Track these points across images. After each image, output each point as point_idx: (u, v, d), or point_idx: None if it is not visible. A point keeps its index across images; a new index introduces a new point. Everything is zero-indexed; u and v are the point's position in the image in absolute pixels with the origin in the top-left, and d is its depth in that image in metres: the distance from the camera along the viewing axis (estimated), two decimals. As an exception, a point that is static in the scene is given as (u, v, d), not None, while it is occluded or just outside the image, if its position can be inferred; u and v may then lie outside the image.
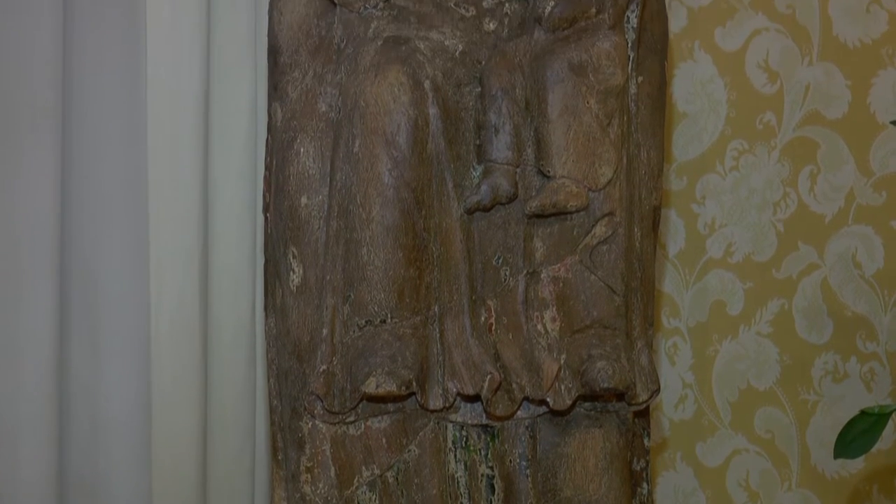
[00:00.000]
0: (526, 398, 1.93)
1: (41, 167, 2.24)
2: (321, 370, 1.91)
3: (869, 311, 2.59)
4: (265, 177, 2.05)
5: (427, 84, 1.90)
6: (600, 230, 1.94)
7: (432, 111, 1.90)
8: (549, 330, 1.96)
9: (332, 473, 1.94)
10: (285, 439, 1.99)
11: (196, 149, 2.46)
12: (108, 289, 2.37)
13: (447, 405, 1.92)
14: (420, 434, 1.96)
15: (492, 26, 1.99)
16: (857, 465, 2.63)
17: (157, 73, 2.43)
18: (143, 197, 2.41)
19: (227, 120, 2.55)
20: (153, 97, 2.41)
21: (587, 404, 1.99)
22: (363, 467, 1.95)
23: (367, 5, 1.99)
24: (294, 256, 1.97)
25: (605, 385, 1.88)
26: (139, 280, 2.40)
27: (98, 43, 2.35)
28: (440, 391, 1.91)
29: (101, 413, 2.37)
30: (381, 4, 1.99)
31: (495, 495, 1.98)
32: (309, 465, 1.95)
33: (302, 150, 1.97)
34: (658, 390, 1.99)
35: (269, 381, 2.04)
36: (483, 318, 1.95)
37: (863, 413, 1.80)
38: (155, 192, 2.43)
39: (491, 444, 1.99)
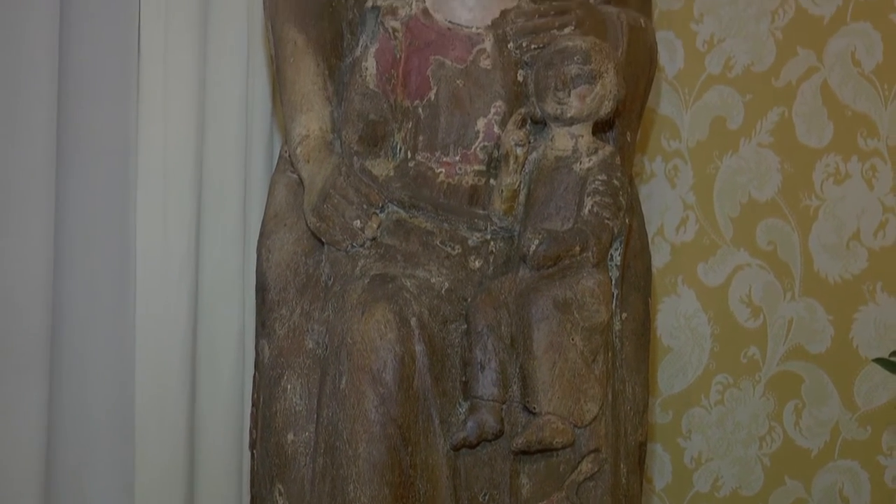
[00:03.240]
0: None
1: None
2: None
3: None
4: (252, 413, 2.05)
5: (413, 321, 1.92)
6: (586, 466, 1.93)
7: (419, 348, 1.91)
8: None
9: None
10: None
11: (182, 387, 2.47)
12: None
13: None
14: None
15: (477, 264, 2.03)
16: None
17: (147, 312, 2.48)
18: (129, 430, 2.42)
19: (215, 356, 2.57)
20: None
21: None
22: None
23: (354, 244, 2.03)
24: (280, 493, 1.96)
25: None
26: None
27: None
28: None
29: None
30: (368, 243, 2.02)
31: None
32: None
33: (289, 386, 1.98)
34: None
35: None
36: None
37: None
38: (141, 434, 2.44)
39: None
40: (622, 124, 2.15)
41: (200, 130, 2.54)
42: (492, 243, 2.04)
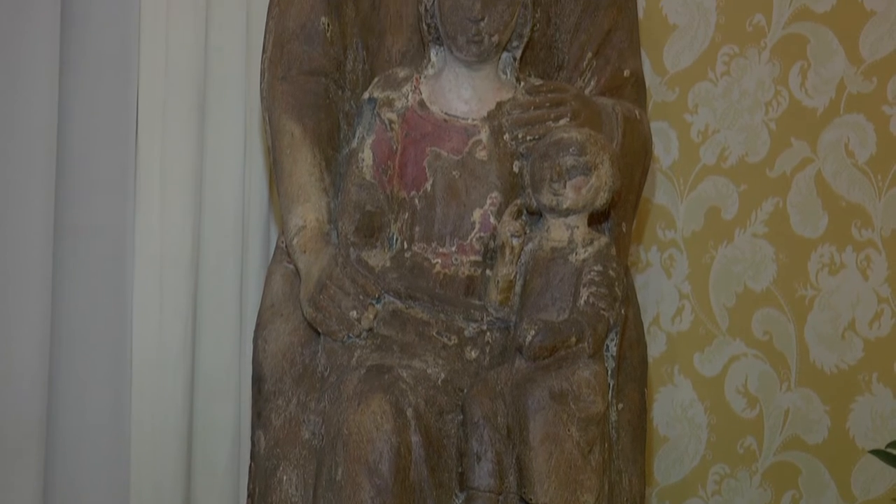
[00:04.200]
0: None
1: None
2: None
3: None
4: (248, 504, 2.04)
5: (409, 412, 1.91)
6: (584, 558, 1.92)
7: (415, 439, 1.91)
8: None
9: None
10: None
11: (179, 477, 2.47)
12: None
13: None
14: None
15: (473, 354, 2.03)
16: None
17: (143, 400, 2.48)
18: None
19: (211, 447, 2.56)
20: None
21: None
22: None
23: (350, 335, 2.03)
24: (277, 584, 1.95)
25: None
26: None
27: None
28: None
29: None
30: (364, 334, 2.03)
31: None
32: None
33: (285, 477, 1.97)
34: None
35: None
36: None
37: None
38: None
39: None
40: (618, 215, 2.16)
41: (197, 220, 2.56)
42: (488, 334, 2.04)
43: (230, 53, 2.62)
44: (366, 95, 2.13)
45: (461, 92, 2.08)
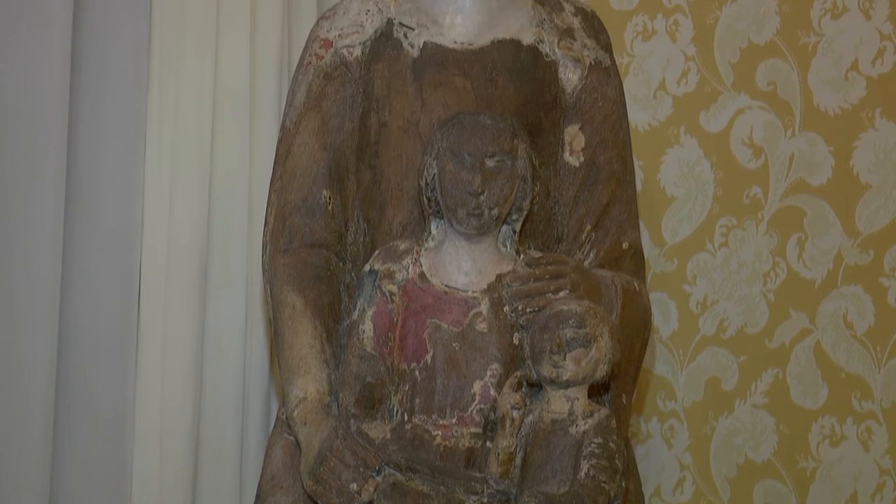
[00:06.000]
0: None
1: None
2: None
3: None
4: None
5: None
6: None
7: None
8: None
9: None
10: None
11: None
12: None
13: None
14: None
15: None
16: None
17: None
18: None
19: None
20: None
21: None
22: None
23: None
24: None
25: None
26: None
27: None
28: None
29: None
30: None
31: None
32: None
33: None
34: None
35: None
36: None
37: None
38: None
39: None
40: (617, 386, 2.17)
41: (198, 390, 2.56)
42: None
43: (232, 226, 2.65)
44: (367, 267, 2.15)
45: (461, 264, 2.10)
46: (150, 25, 2.57)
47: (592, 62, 2.31)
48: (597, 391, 2.11)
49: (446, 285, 2.10)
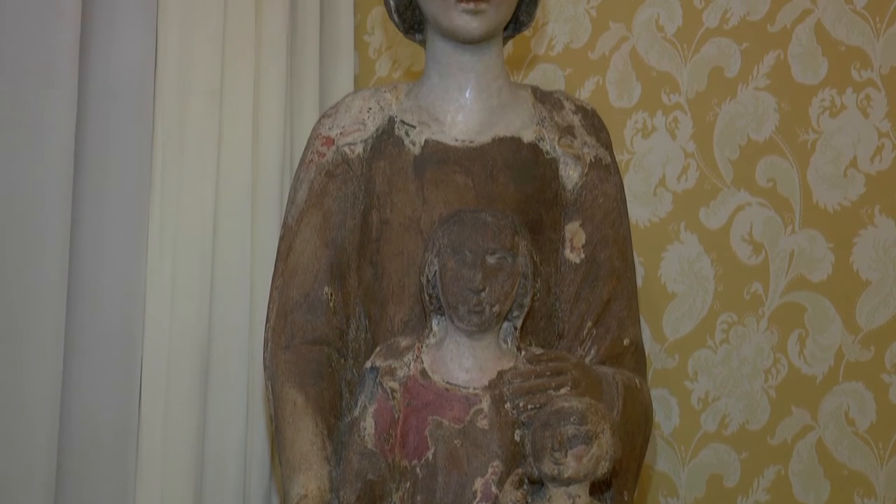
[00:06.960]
0: None
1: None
2: None
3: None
4: None
5: None
6: None
7: None
8: None
9: None
10: None
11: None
12: None
13: None
14: None
15: None
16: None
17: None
18: None
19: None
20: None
21: None
22: None
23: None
24: None
25: None
26: None
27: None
28: None
29: None
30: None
31: None
32: None
33: None
34: None
35: None
36: None
37: None
38: None
39: None
40: (619, 483, 2.16)
41: (199, 488, 2.55)
42: None
43: (234, 322, 2.66)
44: (368, 364, 2.15)
45: (462, 361, 2.10)
46: (154, 121, 2.60)
47: (593, 159, 2.33)
48: (599, 489, 2.10)
49: (447, 382, 2.10)
